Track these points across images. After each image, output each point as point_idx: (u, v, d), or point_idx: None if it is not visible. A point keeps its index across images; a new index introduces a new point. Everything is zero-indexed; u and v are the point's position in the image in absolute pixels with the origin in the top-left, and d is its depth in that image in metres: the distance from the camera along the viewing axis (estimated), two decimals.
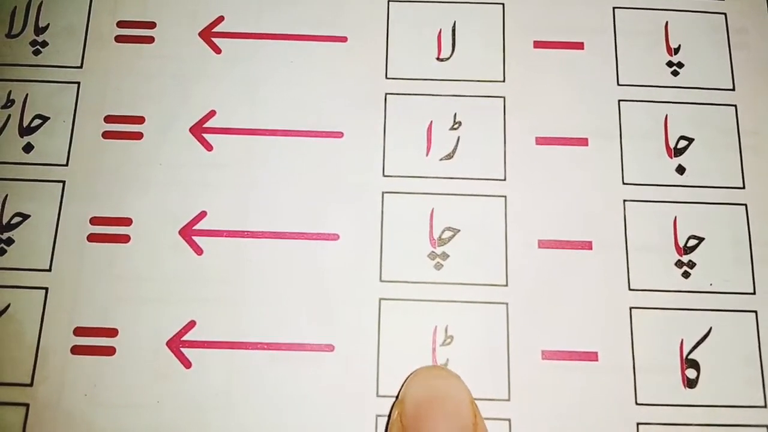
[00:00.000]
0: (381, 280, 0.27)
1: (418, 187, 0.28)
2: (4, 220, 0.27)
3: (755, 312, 0.26)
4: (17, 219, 0.27)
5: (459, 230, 0.27)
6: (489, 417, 0.25)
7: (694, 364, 0.26)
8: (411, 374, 0.25)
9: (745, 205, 0.28)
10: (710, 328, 0.26)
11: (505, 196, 0.28)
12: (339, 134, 0.28)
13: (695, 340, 0.26)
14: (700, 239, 0.27)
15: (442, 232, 0.27)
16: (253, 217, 0.27)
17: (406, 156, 0.28)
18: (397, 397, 0.25)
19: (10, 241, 0.27)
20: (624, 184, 0.28)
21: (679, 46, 0.30)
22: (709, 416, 0.25)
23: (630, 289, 0.27)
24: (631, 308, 0.26)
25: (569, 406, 0.25)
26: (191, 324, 0.26)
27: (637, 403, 0.25)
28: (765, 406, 0.25)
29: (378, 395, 0.25)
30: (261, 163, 0.28)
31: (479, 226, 0.27)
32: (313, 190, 0.28)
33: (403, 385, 0.24)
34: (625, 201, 0.28)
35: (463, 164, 0.28)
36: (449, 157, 0.28)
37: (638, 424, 0.25)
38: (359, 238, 0.27)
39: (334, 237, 0.27)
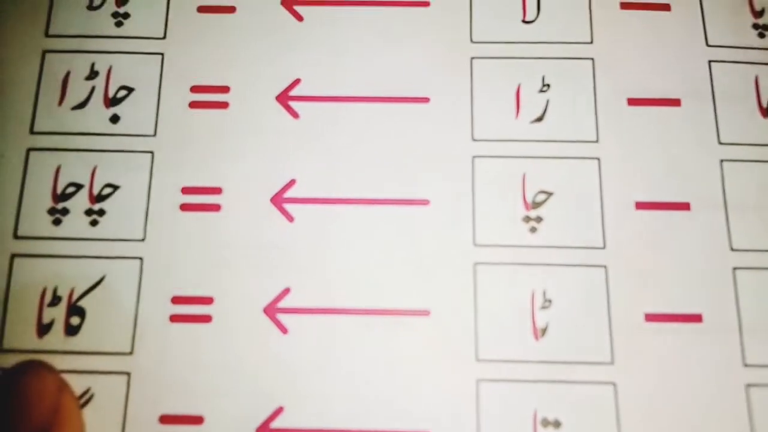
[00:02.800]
0: (475, 245, 0.26)
1: (509, 150, 0.27)
2: (95, 191, 0.27)
3: None
4: (108, 190, 0.27)
5: (553, 193, 0.26)
6: (593, 381, 0.24)
7: None
8: None
9: None
10: None
11: (598, 158, 0.26)
12: (425, 99, 0.27)
13: None
14: None
15: (536, 195, 0.26)
16: (342, 184, 0.26)
17: (494, 120, 0.27)
18: None
19: (102, 212, 0.26)
20: (720, 144, 0.27)
21: (763, 9, 0.28)
22: None
23: (732, 249, 0.25)
24: (734, 268, 0.25)
25: (675, 369, 0.24)
26: (286, 291, 0.25)
27: (745, 365, 0.24)
28: None
29: (477, 359, 0.25)
30: (348, 130, 0.27)
31: (573, 189, 0.26)
32: (402, 156, 0.27)
33: None
34: (722, 161, 0.26)
35: (554, 126, 0.27)
36: (539, 119, 0.27)
37: (747, 385, 0.24)
38: (450, 203, 0.26)
39: (425, 202, 0.26)
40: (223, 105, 0.27)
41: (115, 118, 0.28)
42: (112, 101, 0.28)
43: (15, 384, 0.21)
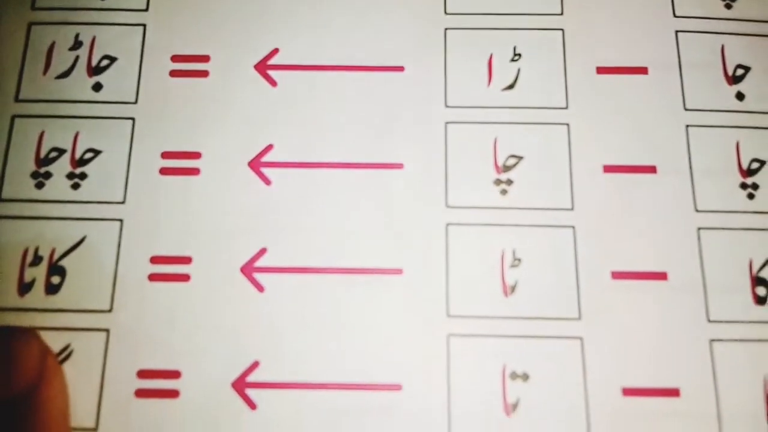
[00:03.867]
0: (447, 206, 0.26)
1: (481, 116, 0.27)
2: (77, 156, 0.27)
3: None
4: (89, 155, 0.27)
5: (523, 157, 0.27)
6: (561, 335, 0.25)
7: (764, 282, 0.25)
8: None
9: None
10: None
11: (567, 124, 0.27)
12: (400, 68, 0.28)
13: (763, 259, 0.25)
14: (762, 162, 0.26)
15: (507, 159, 0.27)
16: (318, 149, 0.27)
17: (467, 87, 0.27)
18: None
19: (83, 176, 0.27)
20: (686, 110, 0.27)
21: None
22: None
23: (697, 211, 0.26)
24: (699, 228, 0.26)
25: (641, 325, 0.24)
26: (262, 251, 0.26)
27: (709, 321, 0.25)
28: None
29: (448, 315, 0.25)
30: (324, 98, 0.27)
31: (543, 153, 0.27)
32: (377, 122, 0.27)
33: None
34: (687, 126, 0.27)
35: (525, 94, 0.27)
36: (511, 87, 0.27)
37: (711, 340, 0.24)
38: (424, 167, 0.26)
39: (399, 166, 0.27)
40: (203, 74, 0.28)
41: (97, 87, 0.28)
42: (95, 70, 0.28)
43: (0, 348, 0.21)
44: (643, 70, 0.28)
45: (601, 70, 0.28)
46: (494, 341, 0.24)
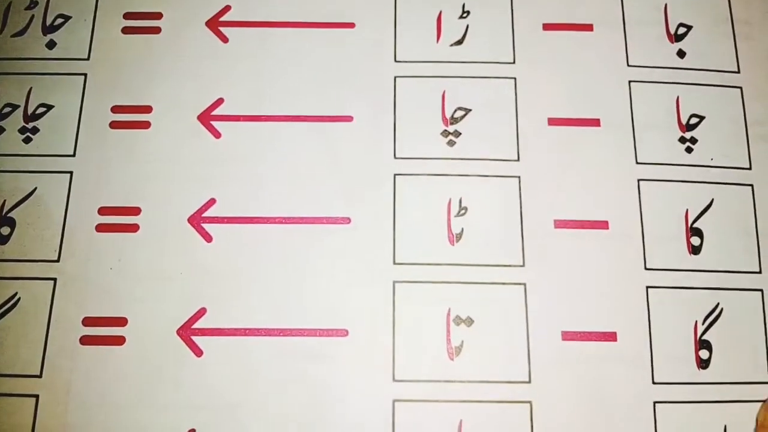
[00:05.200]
0: (395, 158, 0.26)
1: (430, 70, 0.27)
2: (29, 111, 0.27)
3: (751, 186, 0.26)
4: (41, 110, 0.26)
5: (470, 110, 0.26)
6: (504, 282, 0.24)
7: (699, 233, 0.25)
8: None
9: (741, 88, 0.27)
10: (712, 200, 0.25)
11: (514, 78, 0.27)
12: (351, 25, 0.27)
13: (698, 211, 0.25)
14: (701, 117, 0.27)
15: (454, 111, 0.26)
16: (268, 103, 0.26)
17: (416, 43, 0.27)
18: (756, 421, 0.23)
19: (35, 130, 0.26)
20: (629, 66, 0.27)
21: None
22: (711, 281, 0.24)
23: (637, 163, 0.26)
24: (639, 180, 0.26)
25: (582, 272, 0.24)
26: (211, 201, 0.25)
27: (646, 268, 0.25)
28: (760, 272, 0.25)
29: (395, 263, 0.25)
30: (275, 53, 0.27)
31: (490, 107, 0.26)
32: (327, 77, 0.27)
33: (761, 410, 0.23)
34: (630, 82, 0.27)
35: (473, 49, 0.27)
36: (459, 43, 0.27)
37: (647, 287, 0.24)
38: (373, 120, 0.26)
39: (348, 119, 0.26)
40: (155, 30, 0.27)
41: (51, 44, 0.27)
42: (49, 29, 0.28)
43: None
44: (588, 27, 0.28)
45: (547, 27, 0.28)
46: (439, 287, 0.24)
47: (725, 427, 0.23)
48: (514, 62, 0.27)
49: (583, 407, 0.23)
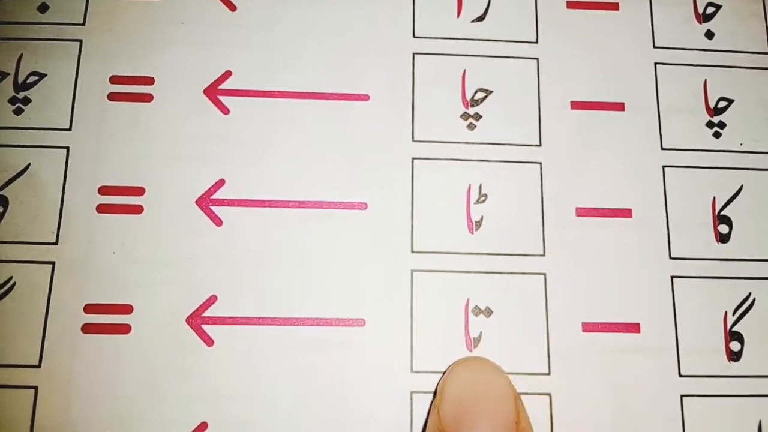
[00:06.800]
0: (413, 140, 0.24)
1: (449, 48, 0.25)
2: (20, 79, 0.24)
3: None
4: (33, 78, 0.24)
5: (492, 91, 0.25)
6: (524, 271, 0.23)
7: (726, 220, 0.24)
8: (449, 368, 0.21)
9: None
10: (741, 186, 0.24)
11: (537, 58, 0.25)
12: None
13: (727, 198, 0.24)
14: (730, 101, 0.25)
15: (475, 92, 0.25)
16: (279, 77, 0.24)
17: (436, 18, 0.25)
18: (435, 393, 0.21)
19: (27, 100, 0.24)
20: (655, 47, 0.25)
21: None
22: (741, 270, 0.23)
23: (663, 149, 0.24)
24: (664, 166, 0.24)
25: (604, 261, 0.23)
26: (220, 182, 0.23)
27: (671, 257, 0.23)
28: None
29: (413, 251, 0.23)
30: (288, 25, 0.25)
31: (512, 88, 0.25)
32: (341, 51, 0.25)
33: (440, 380, 0.21)
34: (656, 63, 0.25)
35: (495, 26, 0.25)
36: (480, 19, 0.25)
37: (672, 277, 0.23)
38: (390, 99, 0.24)
39: (365, 97, 0.24)
40: None
41: (43, 7, 0.25)
42: None
43: None
44: (614, 6, 0.26)
45: (571, 5, 0.26)
46: (458, 276, 0.23)
47: (760, 422, 0.22)
48: (536, 42, 0.25)
49: (606, 400, 0.22)
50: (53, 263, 0.22)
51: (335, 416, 0.22)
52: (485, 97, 0.25)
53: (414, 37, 0.25)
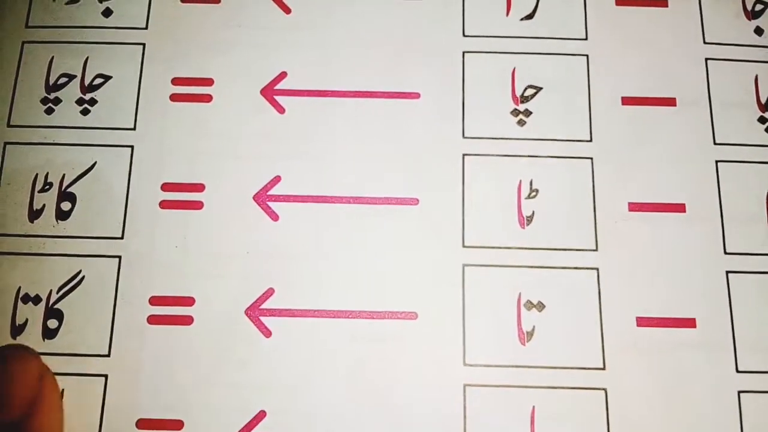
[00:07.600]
0: (464, 137, 0.24)
1: (499, 46, 0.25)
2: (87, 81, 0.25)
3: None
4: (99, 80, 0.25)
5: (541, 88, 0.25)
6: (577, 266, 0.23)
7: None
8: None
9: None
10: None
11: (587, 55, 0.25)
12: None
13: None
14: None
15: (525, 89, 0.25)
16: (333, 77, 0.25)
17: (485, 17, 0.25)
18: None
19: (93, 102, 0.25)
20: (705, 43, 0.25)
21: None
22: None
23: (716, 144, 0.24)
24: (717, 161, 0.24)
25: (657, 256, 0.23)
26: (276, 179, 0.24)
27: (725, 252, 0.23)
28: None
29: (464, 246, 0.23)
30: (340, 25, 0.25)
31: (562, 84, 0.25)
32: (393, 50, 0.25)
33: None
34: (707, 59, 0.25)
35: (544, 24, 0.25)
36: (529, 17, 0.25)
37: (727, 272, 0.23)
38: (440, 97, 0.24)
39: (415, 96, 0.25)
40: (215, 0, 0.26)
41: (107, 12, 0.26)
42: None
43: None
44: (663, 3, 0.25)
45: (620, 2, 0.25)
46: (510, 271, 0.23)
47: None
48: (586, 38, 0.25)
49: (662, 395, 0.22)
50: (119, 257, 0.23)
51: (390, 407, 0.22)
52: (535, 93, 0.25)
53: (464, 36, 0.25)
